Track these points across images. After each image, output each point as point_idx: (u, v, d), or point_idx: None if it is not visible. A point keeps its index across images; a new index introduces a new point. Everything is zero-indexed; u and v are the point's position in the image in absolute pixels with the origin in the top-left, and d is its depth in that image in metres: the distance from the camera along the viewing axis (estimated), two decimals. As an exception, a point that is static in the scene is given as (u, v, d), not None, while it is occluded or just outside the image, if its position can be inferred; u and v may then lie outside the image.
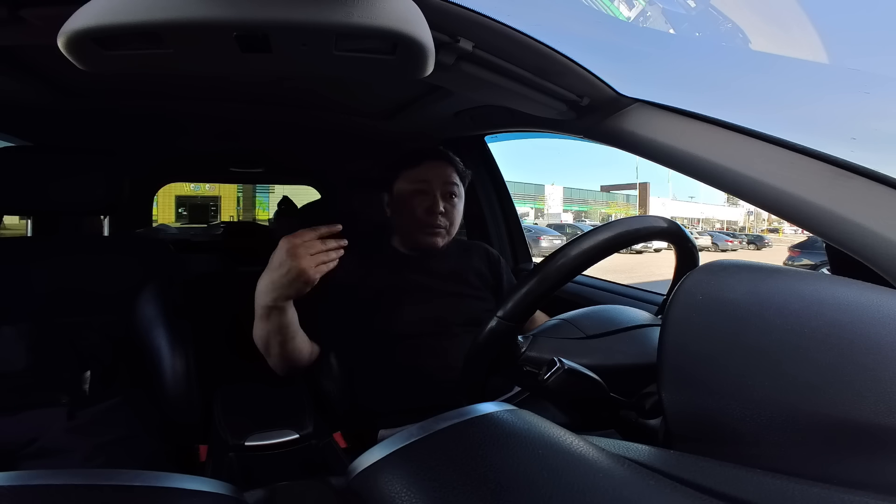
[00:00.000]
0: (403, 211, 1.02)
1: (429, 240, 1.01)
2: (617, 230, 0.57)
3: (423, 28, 0.43)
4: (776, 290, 0.36)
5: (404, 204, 1.02)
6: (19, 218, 1.83)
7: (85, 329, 1.01)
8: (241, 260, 1.95)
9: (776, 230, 33.40)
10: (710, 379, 0.36)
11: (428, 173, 1.01)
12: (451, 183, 1.02)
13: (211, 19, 0.39)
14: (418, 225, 1.01)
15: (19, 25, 0.52)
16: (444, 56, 0.61)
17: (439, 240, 1.02)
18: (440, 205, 0.99)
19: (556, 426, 0.35)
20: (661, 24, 1.97)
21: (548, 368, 0.54)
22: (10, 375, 0.94)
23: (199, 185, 13.47)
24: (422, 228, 1.01)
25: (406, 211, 1.01)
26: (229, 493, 0.31)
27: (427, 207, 1.00)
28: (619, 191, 39.78)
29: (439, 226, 1.00)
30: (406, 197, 1.01)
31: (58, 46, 0.41)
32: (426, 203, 1.00)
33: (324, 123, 1.44)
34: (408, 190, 1.01)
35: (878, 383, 0.29)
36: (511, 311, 0.57)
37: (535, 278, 0.57)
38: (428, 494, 0.29)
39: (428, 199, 1.00)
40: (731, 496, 0.29)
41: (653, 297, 1.20)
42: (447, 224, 1.02)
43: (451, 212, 1.02)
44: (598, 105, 0.74)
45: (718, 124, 0.61)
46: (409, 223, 1.02)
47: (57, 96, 1.10)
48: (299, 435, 0.83)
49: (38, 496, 0.28)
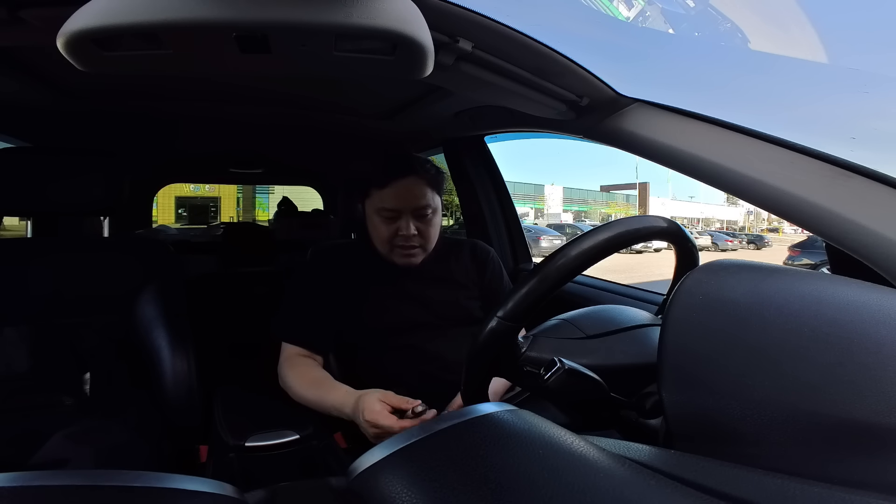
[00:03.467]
0: (374, 232, 0.99)
1: (404, 260, 0.98)
2: (617, 230, 0.57)
3: (422, 28, 0.43)
4: (776, 290, 0.36)
5: (375, 226, 0.98)
6: (19, 219, 1.84)
7: (85, 330, 1.01)
8: (240, 261, 1.95)
9: (776, 230, 33.39)
10: (711, 379, 0.36)
11: (396, 198, 0.95)
12: (423, 205, 0.97)
13: (210, 20, 0.39)
14: (392, 247, 0.98)
15: (19, 26, 0.52)
16: (444, 56, 0.61)
17: (414, 259, 0.99)
18: (411, 227, 0.95)
19: (556, 426, 0.35)
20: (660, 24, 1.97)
21: (548, 368, 0.54)
22: (11, 378, 0.94)
23: (198, 186, 13.47)
24: (394, 251, 0.98)
25: (377, 233, 0.98)
26: (230, 494, 0.31)
27: (396, 231, 0.96)
28: (619, 191, 39.79)
29: (413, 246, 0.97)
30: (377, 220, 0.98)
31: (57, 47, 0.41)
32: (395, 227, 0.96)
33: (323, 124, 1.44)
34: (377, 214, 0.97)
35: (878, 383, 0.29)
36: (511, 311, 0.57)
37: (536, 278, 0.57)
38: (428, 495, 0.29)
39: (397, 224, 0.96)
40: (731, 496, 0.29)
41: (653, 297, 1.20)
42: (422, 242, 0.98)
43: (426, 230, 0.98)
44: (598, 105, 0.74)
45: (718, 124, 0.61)
46: (382, 245, 0.99)
47: (56, 97, 1.10)
48: (300, 435, 0.83)
49: (38, 497, 0.28)
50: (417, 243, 0.97)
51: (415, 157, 1.00)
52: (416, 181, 0.96)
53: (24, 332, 0.97)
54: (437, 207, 1.00)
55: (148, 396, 1.01)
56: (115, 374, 1.02)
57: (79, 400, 0.99)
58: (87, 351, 1.00)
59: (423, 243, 0.98)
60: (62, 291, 1.01)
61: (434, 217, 0.99)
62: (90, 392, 0.99)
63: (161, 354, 1.01)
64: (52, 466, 0.84)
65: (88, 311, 1.02)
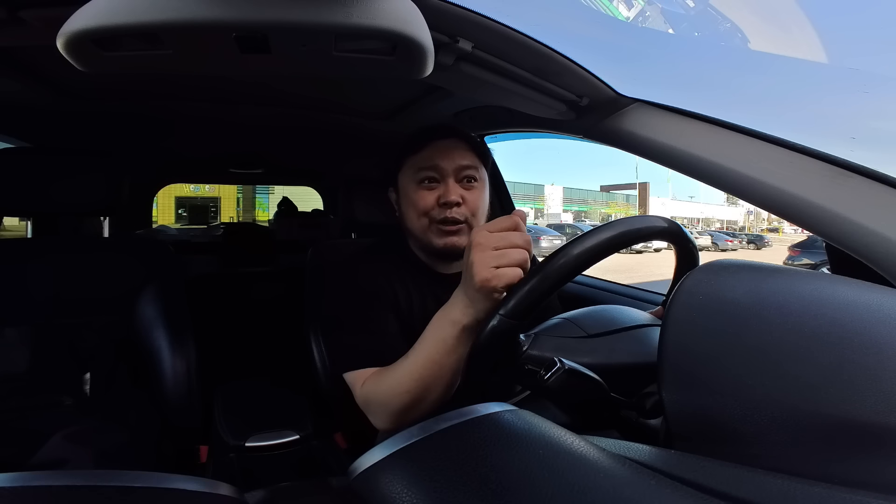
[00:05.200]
0: (411, 207, 0.83)
1: (445, 240, 0.81)
2: (617, 230, 0.57)
3: (422, 28, 0.43)
4: (776, 290, 0.36)
5: (410, 199, 0.83)
6: (19, 219, 1.84)
7: (85, 331, 1.01)
8: (240, 261, 1.95)
9: (776, 230, 33.41)
10: (711, 379, 0.36)
11: (435, 156, 0.80)
12: (468, 164, 0.82)
13: (210, 20, 0.39)
14: (430, 222, 0.81)
15: (19, 27, 0.52)
16: (444, 56, 0.61)
17: (457, 238, 0.80)
18: (454, 193, 0.79)
19: (556, 426, 0.35)
20: (660, 24, 1.97)
21: (548, 368, 0.54)
22: (11, 378, 0.94)
23: (198, 187, 13.49)
24: (433, 227, 0.81)
25: (414, 207, 0.82)
26: (230, 494, 0.31)
27: (438, 199, 0.80)
28: (619, 191, 39.83)
29: (457, 220, 0.80)
30: (412, 189, 0.82)
31: (57, 47, 0.41)
32: (435, 194, 0.81)
33: (323, 124, 1.44)
34: (413, 180, 0.82)
35: (878, 382, 0.29)
36: (513, 308, 0.57)
37: (537, 277, 0.57)
38: (429, 495, 0.29)
39: (438, 189, 0.81)
40: (731, 496, 0.29)
41: (653, 297, 1.21)
42: (467, 215, 0.81)
43: (473, 200, 0.81)
44: (598, 105, 0.74)
45: (718, 124, 0.61)
46: (420, 221, 0.82)
47: (56, 97, 1.10)
48: (300, 436, 0.83)
49: (38, 497, 0.28)
50: (461, 216, 0.80)
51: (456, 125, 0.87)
52: (459, 143, 0.83)
53: (24, 332, 0.97)
54: (483, 179, 0.85)
55: (148, 397, 1.01)
56: (116, 374, 1.02)
57: (79, 400, 0.98)
58: (87, 351, 1.00)
59: (468, 217, 0.81)
60: (62, 292, 1.01)
61: (481, 189, 0.84)
62: (90, 392, 0.99)
63: (161, 355, 1.01)
64: (52, 466, 0.84)
65: (88, 312, 1.02)
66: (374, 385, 0.71)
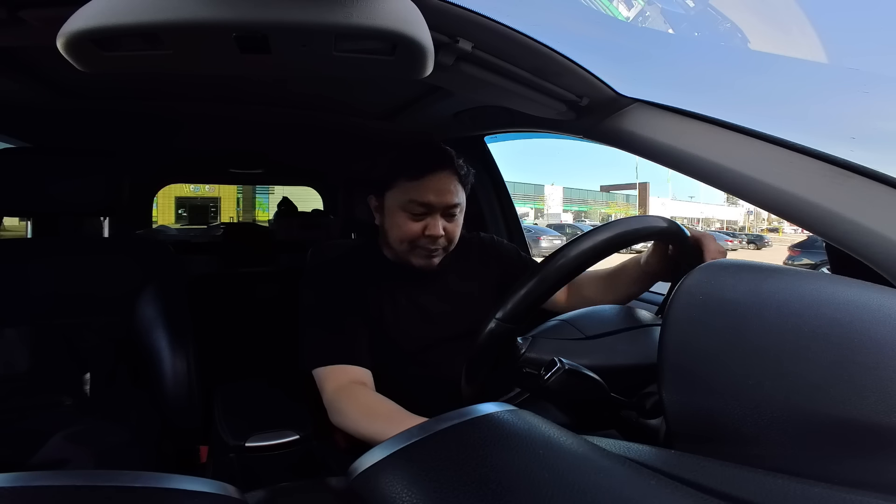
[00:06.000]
0: (395, 229, 0.89)
1: (423, 262, 0.90)
2: (617, 230, 0.57)
3: (422, 28, 0.43)
4: (776, 290, 0.36)
5: (397, 223, 0.88)
6: (19, 219, 1.84)
7: (85, 331, 1.01)
8: (240, 261, 1.95)
9: (776, 230, 33.42)
10: (711, 379, 0.36)
11: (429, 192, 0.85)
12: (455, 203, 0.88)
13: (210, 20, 0.39)
14: (412, 246, 0.89)
15: (19, 26, 0.52)
16: (444, 56, 0.61)
17: (435, 261, 0.90)
18: (440, 227, 0.87)
19: (556, 426, 0.35)
20: (660, 23, 1.98)
21: (548, 369, 0.54)
22: (11, 378, 0.94)
23: (198, 187, 13.49)
24: (416, 250, 0.89)
25: (398, 230, 0.88)
26: (230, 494, 0.31)
27: (423, 230, 0.87)
28: (619, 191, 39.82)
29: (437, 248, 0.89)
30: (399, 215, 0.88)
31: (57, 48, 0.41)
32: (422, 225, 0.87)
33: (323, 124, 1.44)
34: (402, 206, 0.87)
35: (878, 382, 0.29)
36: (510, 312, 0.57)
37: (535, 279, 0.57)
38: (429, 495, 0.29)
39: (425, 220, 0.87)
40: (732, 496, 0.29)
41: (653, 297, 1.20)
42: (446, 244, 0.90)
43: (452, 230, 0.89)
44: (598, 105, 0.74)
45: (718, 124, 0.61)
46: (401, 244, 0.89)
47: (56, 97, 1.10)
48: (300, 436, 0.83)
49: (38, 497, 0.28)
50: (442, 245, 0.89)
51: (448, 150, 0.91)
52: (451, 176, 0.88)
53: (25, 332, 0.97)
54: (463, 205, 0.92)
55: (148, 397, 1.01)
56: (116, 374, 1.02)
57: (79, 400, 0.98)
58: (87, 351, 1.00)
59: (446, 245, 0.90)
60: (62, 292, 1.01)
61: (460, 216, 0.92)
62: (90, 392, 0.99)
63: (161, 355, 1.01)
64: (51, 466, 0.84)
65: (88, 312, 1.02)
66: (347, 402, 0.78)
